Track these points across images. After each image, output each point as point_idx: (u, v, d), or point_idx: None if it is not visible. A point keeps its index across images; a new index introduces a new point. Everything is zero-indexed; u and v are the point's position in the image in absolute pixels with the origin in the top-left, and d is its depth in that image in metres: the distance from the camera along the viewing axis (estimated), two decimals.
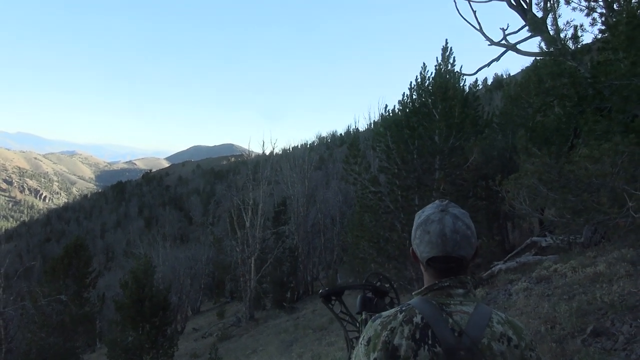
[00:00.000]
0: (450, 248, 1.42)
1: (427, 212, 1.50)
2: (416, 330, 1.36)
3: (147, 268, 18.37)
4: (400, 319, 1.40)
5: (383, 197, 14.19)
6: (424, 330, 1.36)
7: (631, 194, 5.82)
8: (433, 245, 1.44)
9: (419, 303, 1.45)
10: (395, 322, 1.40)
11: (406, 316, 1.40)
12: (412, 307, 1.43)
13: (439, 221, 1.45)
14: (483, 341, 1.36)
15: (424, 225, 1.47)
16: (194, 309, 39.32)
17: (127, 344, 16.79)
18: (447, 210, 1.48)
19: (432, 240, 1.44)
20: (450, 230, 1.43)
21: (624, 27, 6.71)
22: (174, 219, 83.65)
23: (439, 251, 1.43)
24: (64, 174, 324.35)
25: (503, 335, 1.40)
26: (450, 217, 1.46)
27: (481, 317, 1.41)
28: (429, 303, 1.43)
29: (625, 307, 5.28)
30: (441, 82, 14.45)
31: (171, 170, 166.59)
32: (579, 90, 8.65)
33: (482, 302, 1.50)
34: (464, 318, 1.40)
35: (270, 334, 19.93)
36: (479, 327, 1.39)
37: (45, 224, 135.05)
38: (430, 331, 1.36)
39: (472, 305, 1.43)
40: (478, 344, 1.35)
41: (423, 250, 1.46)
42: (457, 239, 1.43)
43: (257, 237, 26.78)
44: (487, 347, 1.36)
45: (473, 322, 1.39)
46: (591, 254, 9.20)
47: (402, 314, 1.41)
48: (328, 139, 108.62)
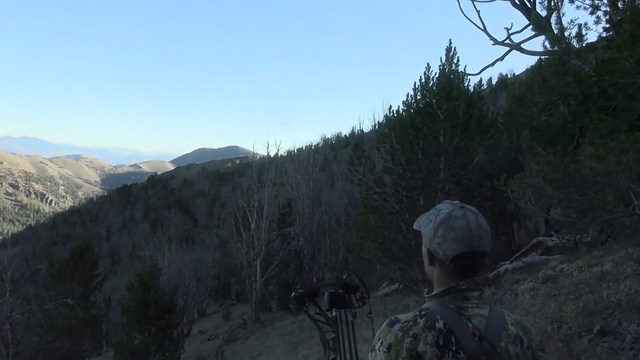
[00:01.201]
0: (477, 243, 1.40)
1: (445, 210, 1.46)
2: (439, 337, 1.34)
3: (153, 271, 18.41)
4: (422, 324, 1.37)
5: (388, 198, 14.17)
6: (447, 336, 1.34)
7: (637, 192, 5.80)
8: (459, 242, 1.40)
9: (438, 307, 1.41)
10: (417, 328, 1.36)
11: (427, 321, 1.37)
12: (432, 312, 1.39)
13: (463, 217, 1.42)
14: (501, 344, 1.36)
15: (447, 222, 1.43)
16: (199, 311, 39.34)
17: (133, 347, 16.82)
18: (465, 207, 1.47)
19: (459, 236, 1.40)
20: (475, 225, 1.41)
21: (628, 25, 6.68)
22: (179, 221, 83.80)
23: (465, 247, 1.40)
24: (69, 177, 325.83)
25: (517, 337, 1.40)
26: (471, 213, 1.44)
27: (497, 320, 1.40)
28: (448, 307, 1.40)
29: (633, 306, 5.25)
30: (445, 83, 14.43)
31: (176, 173, 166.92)
32: (584, 89, 8.61)
33: (494, 304, 1.49)
34: (482, 322, 1.38)
35: (276, 335, 19.92)
36: (496, 330, 1.38)
37: (51, 227, 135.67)
38: (453, 337, 1.33)
39: (487, 308, 1.42)
40: (497, 348, 1.35)
41: (447, 248, 1.41)
42: (481, 233, 1.41)
43: (263, 239, 26.76)
44: (505, 350, 1.36)
45: (491, 325, 1.38)
46: (598, 253, 9.17)
47: (423, 319, 1.38)
48: (332, 141, 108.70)
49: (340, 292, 2.23)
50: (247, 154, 52.42)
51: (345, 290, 2.27)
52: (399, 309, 15.83)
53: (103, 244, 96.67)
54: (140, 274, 18.23)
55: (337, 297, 2.20)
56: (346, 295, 2.23)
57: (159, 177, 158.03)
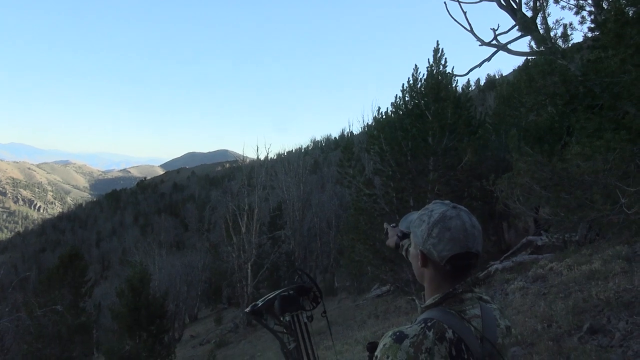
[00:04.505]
0: (472, 243, 1.37)
1: (438, 210, 1.43)
2: (452, 347, 1.30)
3: (143, 276, 18.29)
4: (432, 337, 1.31)
5: (378, 200, 14.19)
6: (458, 345, 1.31)
7: (624, 190, 5.84)
8: (455, 242, 1.36)
9: (443, 316, 1.37)
10: (429, 342, 1.30)
11: (437, 333, 1.31)
12: (439, 322, 1.35)
13: (457, 217, 1.39)
14: (498, 341, 1.37)
15: (442, 223, 1.39)
16: (191, 316, 39.18)
17: (124, 353, 16.69)
18: (457, 207, 1.44)
19: (454, 237, 1.36)
20: (469, 225, 1.39)
21: (613, 25, 6.73)
22: (170, 226, 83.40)
23: (461, 247, 1.36)
24: (58, 183, 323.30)
25: (508, 329, 1.44)
26: (465, 212, 1.42)
27: (490, 318, 1.40)
28: (451, 314, 1.37)
29: (621, 303, 5.29)
30: (433, 84, 14.48)
31: (166, 177, 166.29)
32: (570, 89, 8.67)
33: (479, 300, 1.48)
34: (479, 322, 1.37)
35: (268, 339, 19.84)
36: (492, 328, 1.38)
37: (40, 234, 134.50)
38: (463, 345, 1.31)
39: (478, 307, 1.41)
40: (496, 346, 1.35)
41: (443, 249, 1.37)
42: (475, 233, 1.39)
43: (253, 242, 26.71)
44: (502, 346, 1.37)
45: (487, 325, 1.38)
46: (586, 251, 9.25)
47: (432, 331, 1.32)
48: (322, 143, 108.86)
49: (293, 294, 2.18)
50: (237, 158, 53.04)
51: (298, 293, 2.23)
52: (391, 310, 15.86)
53: (93, 250, 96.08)
54: (130, 279, 18.10)
55: (289, 300, 2.14)
56: (300, 298, 2.18)
57: (149, 181, 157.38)
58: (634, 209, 5.80)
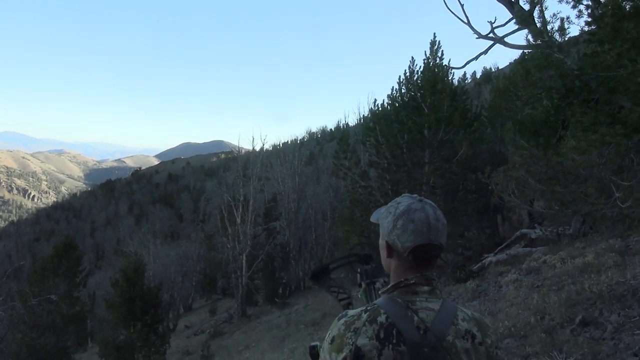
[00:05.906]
0: (434, 235, 1.42)
1: (405, 203, 1.49)
2: (380, 330, 1.35)
3: (138, 266, 18.29)
4: (365, 318, 1.39)
5: (373, 192, 14.23)
6: (388, 329, 1.35)
7: (618, 184, 5.87)
8: (418, 234, 1.42)
9: (384, 302, 1.44)
10: (359, 322, 1.38)
11: (370, 316, 1.39)
12: (377, 307, 1.41)
13: (422, 209, 1.45)
14: (448, 338, 1.36)
15: (406, 215, 1.45)
16: (185, 306, 39.23)
17: (118, 343, 16.73)
18: (423, 200, 1.49)
19: (417, 229, 1.42)
20: (433, 218, 1.43)
21: (610, 19, 6.74)
22: (165, 216, 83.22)
23: (423, 239, 1.42)
24: (52, 173, 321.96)
25: (468, 333, 1.40)
26: (430, 206, 1.47)
27: (446, 314, 1.41)
28: (395, 301, 1.42)
29: (614, 296, 5.32)
30: (430, 76, 14.47)
31: (161, 167, 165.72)
32: (566, 83, 8.68)
33: (447, 298, 1.50)
34: (430, 315, 1.39)
35: (262, 330, 19.93)
36: (444, 324, 1.38)
37: (34, 223, 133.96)
38: (395, 330, 1.35)
39: (438, 302, 1.43)
40: (442, 341, 1.35)
41: (406, 240, 1.43)
42: (439, 226, 1.44)
43: (248, 233, 26.73)
44: (452, 345, 1.36)
45: (438, 319, 1.39)
46: (580, 244, 9.28)
47: (367, 314, 1.40)
48: (318, 135, 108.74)
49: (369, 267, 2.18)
50: (233, 149, 52.08)
51: (365, 262, 2.22)
52: None
53: (87, 240, 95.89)
54: (125, 269, 18.10)
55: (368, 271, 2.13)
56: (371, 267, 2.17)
57: (144, 171, 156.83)
58: (627, 203, 5.83)
